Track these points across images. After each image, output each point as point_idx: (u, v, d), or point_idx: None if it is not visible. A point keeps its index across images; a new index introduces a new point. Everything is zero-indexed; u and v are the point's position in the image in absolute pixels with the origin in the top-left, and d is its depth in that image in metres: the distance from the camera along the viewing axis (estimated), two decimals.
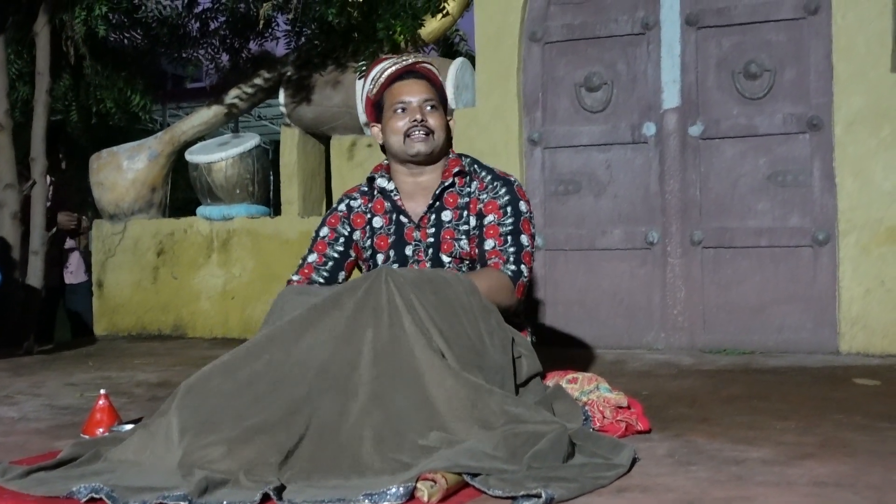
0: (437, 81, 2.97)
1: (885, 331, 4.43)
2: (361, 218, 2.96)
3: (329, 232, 2.98)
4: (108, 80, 5.98)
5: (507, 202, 2.86)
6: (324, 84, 5.71)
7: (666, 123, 4.85)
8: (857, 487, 2.02)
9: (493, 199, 2.86)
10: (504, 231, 2.82)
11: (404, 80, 2.91)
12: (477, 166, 2.97)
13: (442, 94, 2.98)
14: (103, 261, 6.26)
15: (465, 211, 2.87)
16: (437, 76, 2.98)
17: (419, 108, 2.87)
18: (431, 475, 1.94)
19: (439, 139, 2.89)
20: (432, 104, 2.89)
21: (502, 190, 2.88)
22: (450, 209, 2.87)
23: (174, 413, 2.20)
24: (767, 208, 4.68)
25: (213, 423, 2.16)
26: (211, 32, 6.30)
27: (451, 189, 2.90)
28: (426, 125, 2.86)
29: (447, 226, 2.86)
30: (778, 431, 2.68)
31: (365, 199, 2.98)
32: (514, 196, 2.87)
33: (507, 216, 2.84)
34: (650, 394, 3.42)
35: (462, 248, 2.84)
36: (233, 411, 2.18)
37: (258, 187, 6.06)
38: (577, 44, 5.05)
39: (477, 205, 2.87)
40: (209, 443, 2.12)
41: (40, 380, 4.11)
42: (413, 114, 2.86)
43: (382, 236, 2.91)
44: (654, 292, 4.86)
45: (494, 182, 2.90)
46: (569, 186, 5.04)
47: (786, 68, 4.66)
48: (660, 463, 2.29)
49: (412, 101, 2.87)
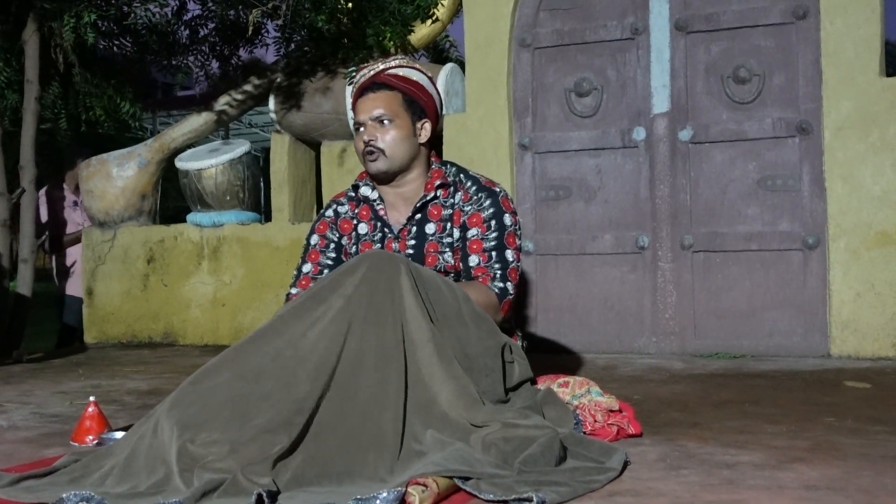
0: (404, 86, 2.82)
1: (875, 334, 4.44)
2: (348, 224, 2.93)
3: (319, 239, 2.95)
4: (98, 87, 5.96)
5: (491, 215, 2.78)
6: (314, 91, 5.71)
7: (656, 128, 4.85)
8: (848, 491, 2.02)
9: (477, 211, 2.79)
10: (488, 246, 2.76)
11: (363, 96, 2.81)
12: (463, 176, 2.87)
13: (412, 98, 2.82)
14: (93, 269, 6.24)
15: (449, 223, 2.82)
16: (408, 79, 2.83)
17: (371, 128, 2.77)
18: (422, 479, 1.94)
19: (396, 154, 2.78)
20: (385, 119, 2.77)
21: (487, 202, 2.80)
22: (434, 221, 2.82)
23: (175, 405, 2.18)
24: (757, 213, 4.69)
25: (216, 420, 2.14)
26: (200, 39, 6.29)
27: (436, 201, 2.85)
28: (374, 145, 2.76)
29: (431, 239, 2.82)
30: (769, 435, 2.68)
31: (352, 205, 2.95)
32: (499, 208, 2.80)
33: (491, 230, 2.77)
34: (641, 399, 3.42)
35: (446, 261, 2.80)
36: (239, 408, 2.16)
37: (248, 194, 6.05)
38: (566, 49, 5.06)
39: (461, 216, 2.81)
40: (213, 440, 2.09)
41: (29, 388, 4.09)
42: (364, 135, 2.78)
43: (367, 242, 2.88)
44: (645, 297, 4.87)
45: (479, 193, 2.81)
46: (559, 192, 5.05)
47: (774, 73, 4.68)
48: (651, 467, 2.29)
49: (364, 121, 2.79)
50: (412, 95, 2.82)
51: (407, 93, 2.82)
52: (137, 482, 2.06)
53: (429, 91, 2.88)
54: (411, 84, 2.83)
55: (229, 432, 2.11)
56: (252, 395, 2.17)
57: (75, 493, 1.96)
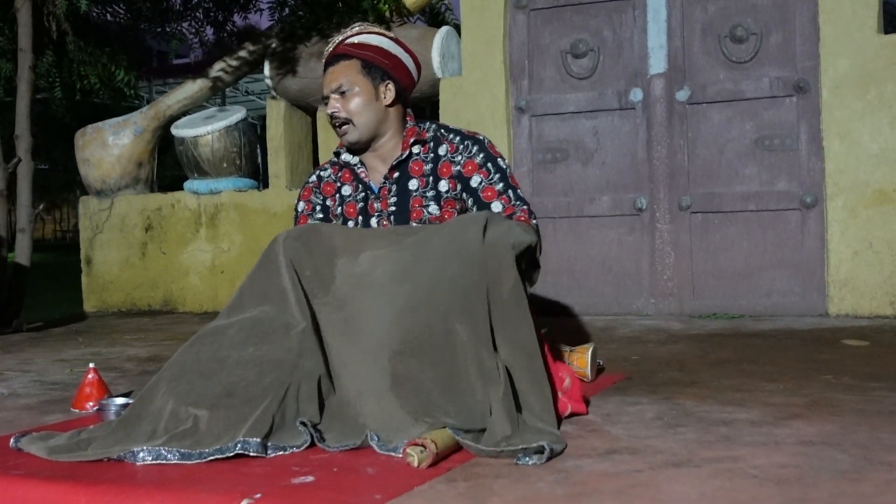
0: (360, 53, 2.81)
1: (873, 292, 4.44)
2: (331, 186, 2.95)
3: (305, 205, 2.97)
4: (92, 56, 5.94)
5: (484, 159, 2.79)
6: (308, 56, 5.68)
7: (653, 89, 4.83)
8: (844, 445, 2.03)
9: (469, 159, 2.79)
10: (500, 188, 2.78)
11: (325, 72, 2.85)
12: (443, 130, 2.87)
13: (370, 62, 2.81)
14: (91, 238, 6.24)
15: (432, 177, 2.83)
16: (365, 44, 2.82)
17: (333, 100, 2.80)
18: (421, 440, 1.95)
19: (362, 121, 2.79)
20: (344, 89, 2.78)
21: (475, 148, 2.80)
22: (416, 177, 2.83)
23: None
24: (755, 173, 4.68)
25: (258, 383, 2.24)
26: (194, 6, 6.26)
27: (415, 157, 2.87)
28: (338, 116, 2.79)
29: (414, 194, 2.82)
30: (766, 393, 2.69)
31: (335, 170, 2.96)
32: (489, 153, 2.80)
33: (493, 173, 2.79)
34: (640, 359, 3.43)
35: (430, 213, 2.81)
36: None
37: (245, 161, 6.04)
38: (562, 11, 5.03)
39: (450, 167, 2.81)
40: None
41: (29, 356, 4.11)
42: (329, 108, 2.81)
43: (351, 203, 2.90)
44: (643, 259, 4.87)
45: (465, 141, 2.82)
46: (556, 154, 5.03)
47: (772, 32, 4.65)
48: (649, 426, 2.30)
49: (328, 93, 2.81)
50: (370, 60, 2.81)
51: (365, 59, 2.81)
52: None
53: (390, 52, 2.85)
54: (369, 49, 2.82)
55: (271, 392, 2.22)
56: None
57: (147, 447, 2.05)
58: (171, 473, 1.95)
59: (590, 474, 1.87)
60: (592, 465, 1.93)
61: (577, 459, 1.98)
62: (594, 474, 1.86)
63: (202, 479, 1.90)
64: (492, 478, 1.86)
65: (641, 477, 1.84)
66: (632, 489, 1.76)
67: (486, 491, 1.78)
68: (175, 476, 1.93)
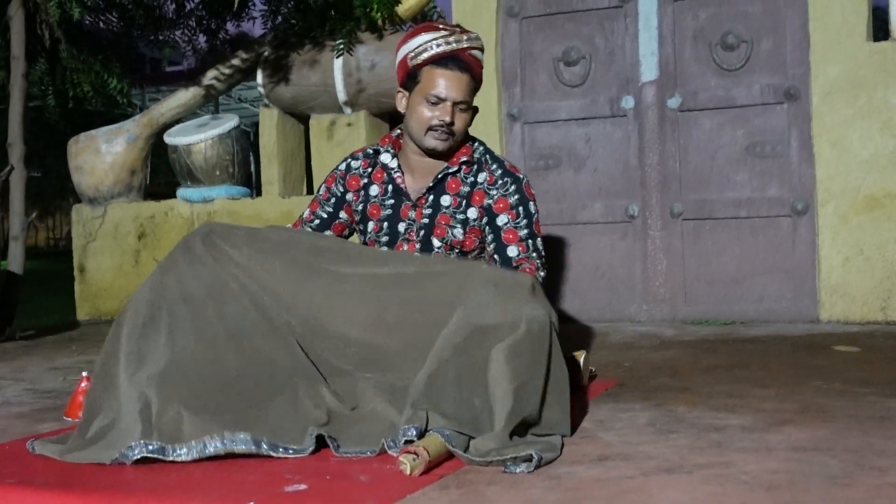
0: (478, 73, 2.81)
1: (864, 298, 4.46)
2: (356, 180, 2.92)
3: (324, 191, 2.97)
4: (85, 63, 5.93)
5: (517, 201, 2.78)
6: (301, 63, 5.69)
7: (644, 96, 4.85)
8: (836, 451, 2.04)
9: (503, 196, 2.78)
10: (523, 235, 2.77)
11: (448, 69, 2.73)
12: (489, 157, 2.86)
13: (479, 85, 2.83)
14: (84, 245, 6.24)
15: (466, 200, 2.83)
16: (480, 63, 2.82)
17: (451, 110, 2.73)
18: (413, 448, 1.95)
19: (459, 137, 2.79)
20: (464, 106, 2.75)
21: (512, 187, 2.80)
22: (450, 194, 2.81)
23: None
24: (746, 179, 4.70)
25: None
26: (187, 13, 6.27)
27: (456, 174, 2.84)
28: (452, 128, 2.74)
29: (444, 211, 2.81)
30: (758, 399, 2.70)
31: (366, 163, 2.93)
32: (524, 195, 2.80)
33: (521, 217, 2.78)
34: (632, 365, 3.44)
35: (455, 235, 2.80)
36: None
37: (238, 168, 6.04)
38: (554, 18, 5.05)
39: (484, 198, 2.80)
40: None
41: (22, 364, 4.10)
42: (444, 113, 2.72)
43: (376, 205, 2.88)
44: (636, 265, 4.88)
45: (505, 178, 2.81)
46: (549, 161, 5.05)
47: (762, 39, 4.67)
48: (641, 431, 2.31)
49: (447, 98, 2.73)
50: (480, 81, 2.84)
51: (478, 80, 2.82)
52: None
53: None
54: (480, 69, 2.83)
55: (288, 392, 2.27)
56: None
57: (134, 443, 2.06)
58: (164, 480, 1.95)
59: (582, 480, 1.88)
60: (585, 472, 1.94)
61: (570, 466, 1.99)
62: (586, 480, 1.87)
63: (195, 486, 1.90)
64: (484, 485, 1.87)
65: (633, 483, 1.85)
66: (624, 495, 1.77)
67: (479, 498, 1.78)
68: (168, 483, 1.93)
